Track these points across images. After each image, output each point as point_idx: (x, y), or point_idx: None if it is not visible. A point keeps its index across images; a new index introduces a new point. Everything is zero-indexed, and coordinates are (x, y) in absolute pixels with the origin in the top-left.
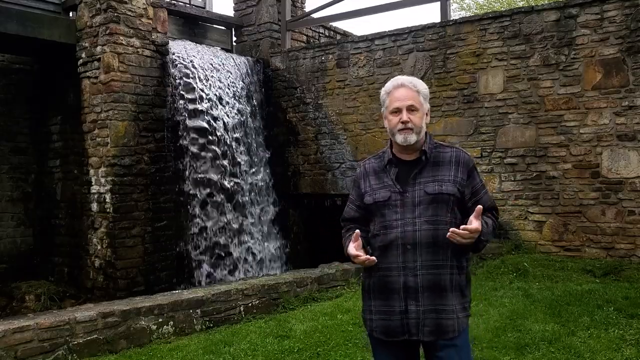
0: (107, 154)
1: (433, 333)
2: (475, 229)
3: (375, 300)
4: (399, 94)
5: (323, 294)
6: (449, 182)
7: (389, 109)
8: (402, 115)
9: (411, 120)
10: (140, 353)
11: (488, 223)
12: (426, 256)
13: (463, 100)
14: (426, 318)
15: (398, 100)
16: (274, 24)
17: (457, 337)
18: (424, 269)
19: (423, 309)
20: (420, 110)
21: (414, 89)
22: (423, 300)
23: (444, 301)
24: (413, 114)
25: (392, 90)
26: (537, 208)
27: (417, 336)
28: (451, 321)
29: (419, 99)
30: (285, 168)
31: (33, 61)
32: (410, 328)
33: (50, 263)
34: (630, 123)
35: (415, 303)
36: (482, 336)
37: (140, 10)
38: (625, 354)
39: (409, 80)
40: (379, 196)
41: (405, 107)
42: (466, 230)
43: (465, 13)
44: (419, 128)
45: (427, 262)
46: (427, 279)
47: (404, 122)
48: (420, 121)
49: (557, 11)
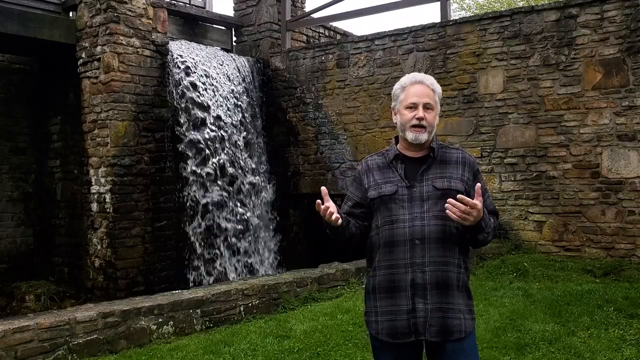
0: (107, 154)
1: (440, 333)
2: (473, 203)
3: (380, 301)
4: (417, 90)
5: (323, 294)
6: (457, 179)
7: (403, 103)
8: (418, 112)
9: (426, 118)
10: (140, 353)
11: (490, 217)
12: (435, 252)
13: (463, 100)
14: (433, 317)
15: (416, 95)
16: (274, 24)
17: (465, 340)
18: (432, 265)
19: (431, 307)
20: (435, 110)
21: (431, 87)
22: (431, 298)
23: (450, 299)
24: (428, 112)
25: (409, 85)
26: (537, 208)
27: (424, 336)
28: (457, 321)
29: (435, 98)
30: (285, 168)
31: (33, 61)
32: (418, 327)
33: (50, 263)
34: (630, 123)
35: (422, 301)
36: (482, 336)
37: (140, 10)
38: (625, 354)
39: (427, 79)
40: (385, 190)
41: (422, 104)
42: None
43: (465, 13)
44: (431, 127)
45: (435, 258)
46: (435, 275)
47: (419, 118)
48: (434, 120)
49: (557, 11)
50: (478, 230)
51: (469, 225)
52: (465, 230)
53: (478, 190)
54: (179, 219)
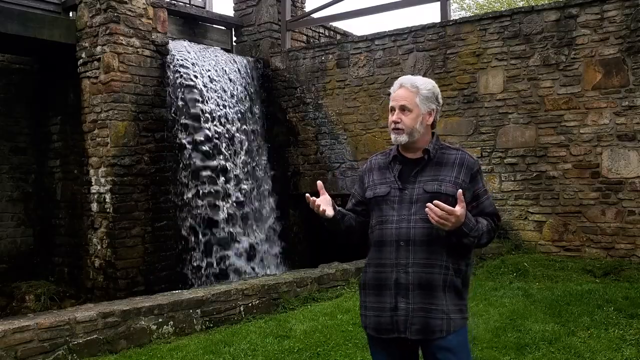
0: (107, 154)
1: (420, 332)
2: (451, 210)
3: (369, 297)
4: (397, 94)
5: (323, 294)
6: (449, 182)
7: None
8: (393, 115)
9: (402, 121)
10: (140, 353)
11: (480, 221)
12: (419, 254)
13: (463, 100)
14: (414, 316)
15: (394, 100)
16: (274, 24)
17: (452, 337)
18: (415, 266)
19: (412, 307)
20: (414, 111)
21: (412, 89)
22: (413, 298)
23: (434, 300)
24: (405, 114)
25: (394, 90)
26: (537, 208)
27: (404, 334)
28: (439, 321)
29: (414, 100)
30: (285, 168)
31: (33, 61)
32: (399, 325)
33: (50, 263)
34: (630, 123)
35: (405, 300)
36: (482, 336)
37: (140, 10)
38: (625, 354)
39: (409, 81)
40: (378, 191)
41: (397, 107)
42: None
43: (465, 13)
44: (409, 129)
45: (419, 260)
46: (418, 276)
47: (393, 121)
48: (412, 122)
49: (557, 11)
50: (461, 235)
51: (448, 230)
52: (448, 234)
53: (460, 197)
54: (178, 218)
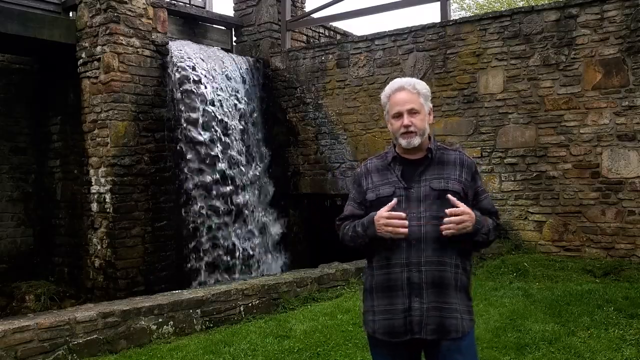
0: (107, 154)
1: (436, 332)
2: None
3: (377, 300)
4: (399, 98)
5: (323, 294)
6: (454, 180)
7: (390, 113)
8: (403, 120)
9: (413, 124)
10: (140, 353)
11: (485, 218)
12: (431, 252)
13: (463, 100)
14: (429, 316)
15: (398, 104)
16: (274, 24)
17: (462, 340)
18: (428, 264)
19: (427, 306)
20: (422, 112)
21: (414, 91)
22: (427, 297)
23: (447, 299)
24: (414, 116)
25: (392, 94)
26: (537, 208)
27: (419, 334)
28: (454, 320)
29: (419, 101)
30: (285, 168)
31: (33, 61)
32: (414, 326)
33: (50, 263)
34: (630, 123)
35: (419, 300)
36: (482, 336)
37: (140, 10)
38: (625, 354)
39: (408, 82)
40: (382, 192)
41: (406, 111)
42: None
43: (465, 13)
44: (422, 130)
45: (431, 258)
46: (431, 275)
47: (405, 126)
48: (422, 123)
49: (557, 11)
50: (475, 233)
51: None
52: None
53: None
54: (178, 218)
